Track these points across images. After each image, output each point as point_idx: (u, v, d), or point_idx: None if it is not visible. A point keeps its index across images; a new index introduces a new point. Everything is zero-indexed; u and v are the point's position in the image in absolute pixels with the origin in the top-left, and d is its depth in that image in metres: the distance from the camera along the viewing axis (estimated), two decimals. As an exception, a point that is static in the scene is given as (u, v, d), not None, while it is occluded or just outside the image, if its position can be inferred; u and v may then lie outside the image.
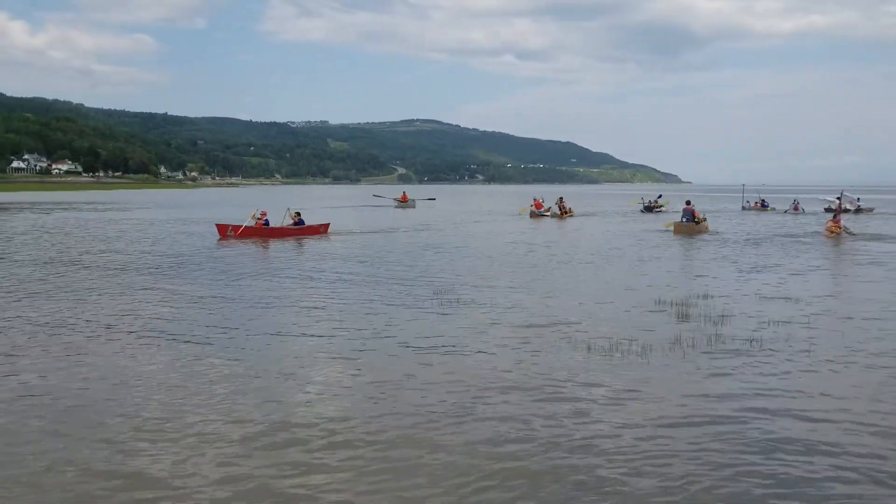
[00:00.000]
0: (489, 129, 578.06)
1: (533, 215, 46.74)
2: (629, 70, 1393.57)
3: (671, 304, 13.81)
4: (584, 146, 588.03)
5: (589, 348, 10.27)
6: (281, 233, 28.45)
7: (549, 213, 46.71)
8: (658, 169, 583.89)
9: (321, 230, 29.99)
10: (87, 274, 18.26)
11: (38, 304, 13.92)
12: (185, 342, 10.64)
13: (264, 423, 7.25)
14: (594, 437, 6.92)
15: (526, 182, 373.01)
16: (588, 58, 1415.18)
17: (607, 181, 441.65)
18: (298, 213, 29.85)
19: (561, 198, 48.15)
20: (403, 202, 61.29)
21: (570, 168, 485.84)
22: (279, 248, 25.14)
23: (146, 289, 15.90)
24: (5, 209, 53.15)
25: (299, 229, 29.00)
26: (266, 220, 28.46)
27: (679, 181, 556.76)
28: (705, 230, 32.87)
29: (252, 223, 28.20)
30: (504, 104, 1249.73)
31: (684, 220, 32.95)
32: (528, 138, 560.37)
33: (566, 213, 46.37)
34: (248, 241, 26.80)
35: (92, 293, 15.22)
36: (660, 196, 58.96)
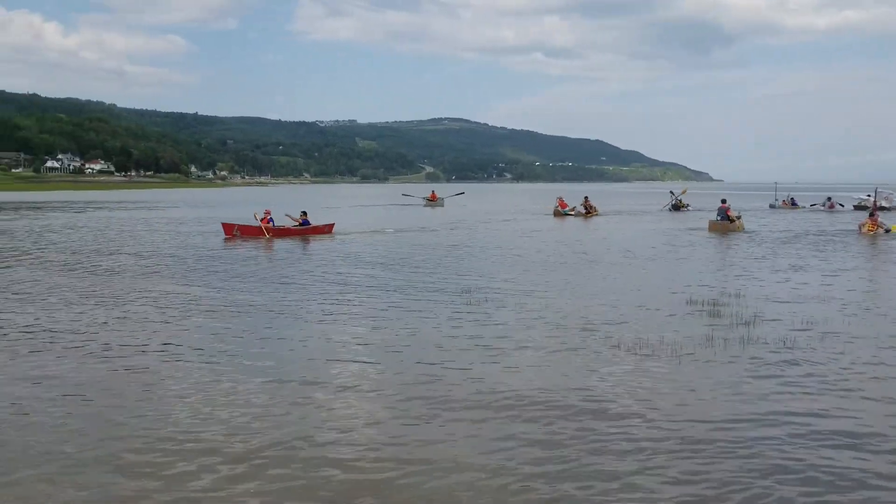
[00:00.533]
0: (517, 127, 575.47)
1: (557, 214, 45.94)
2: (659, 67, 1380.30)
3: (703, 303, 13.60)
4: (614, 144, 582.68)
5: (619, 347, 10.15)
6: (286, 232, 28.26)
7: (573, 213, 45.88)
8: (689, 167, 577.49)
9: (326, 230, 29.85)
10: (113, 273, 18.44)
11: (67, 301, 14.00)
12: (212, 344, 10.61)
13: (292, 426, 7.17)
14: (623, 437, 6.82)
15: (554, 180, 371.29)
16: (617, 55, 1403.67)
17: (637, 179, 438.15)
18: (305, 213, 29.71)
19: (586, 196, 47.41)
20: (433, 201, 61.17)
21: (600, 166, 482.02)
22: (304, 248, 25.18)
23: (170, 287, 15.97)
24: (39, 208, 54.00)
25: (304, 229, 28.78)
26: (271, 219, 28.23)
27: (710, 179, 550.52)
28: (739, 229, 32.54)
29: (257, 222, 28.03)
30: (533, 102, 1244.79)
31: (719, 218, 32.81)
32: (556, 136, 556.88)
33: (592, 212, 45.66)
34: (253, 240, 26.69)
35: (118, 293, 15.30)
36: (683, 192, 57.57)
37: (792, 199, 59.03)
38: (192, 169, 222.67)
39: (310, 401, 7.93)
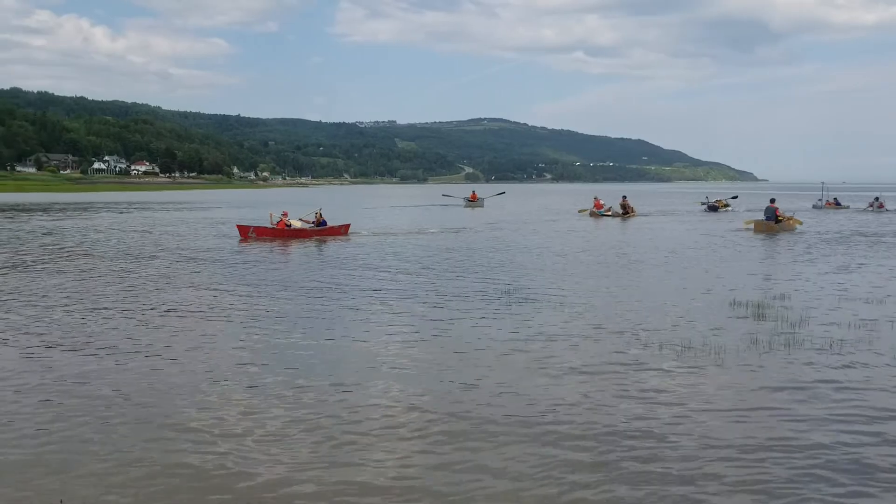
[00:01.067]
0: (557, 126, 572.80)
1: (592, 215, 44.62)
2: (703, 66, 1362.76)
3: (747, 304, 13.22)
4: (656, 144, 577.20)
5: (661, 348, 9.97)
6: (302, 234, 27.83)
7: (610, 213, 44.47)
8: (732, 167, 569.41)
9: (342, 231, 29.44)
10: (154, 274, 18.53)
11: (108, 299, 14.04)
12: (250, 344, 10.54)
13: (331, 426, 7.09)
14: (665, 439, 6.69)
15: (595, 181, 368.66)
16: (661, 53, 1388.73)
17: (680, 179, 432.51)
18: (320, 213, 29.47)
19: (624, 196, 46.32)
20: (473, 201, 60.90)
21: (641, 166, 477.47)
22: (345, 249, 25.05)
23: (207, 284, 15.99)
24: (85, 209, 55.03)
25: (320, 230, 28.41)
26: (289, 221, 28.06)
27: (754, 179, 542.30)
28: (790, 228, 32.03)
29: (272, 223, 27.81)
30: (573, 102, 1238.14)
31: (765, 217, 32.23)
32: (597, 136, 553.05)
33: (630, 212, 44.35)
34: (268, 241, 26.35)
35: (159, 291, 15.32)
36: (734, 197, 56.03)
37: (835, 199, 57.50)
38: (235, 170, 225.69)
39: (350, 407, 7.73)
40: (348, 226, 30.46)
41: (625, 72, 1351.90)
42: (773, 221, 31.68)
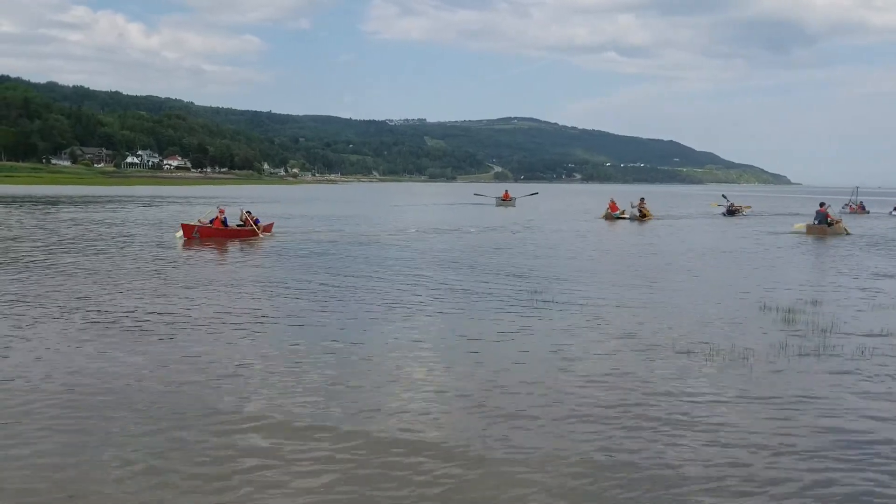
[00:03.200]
0: (588, 127, 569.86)
1: (607, 218, 41.69)
2: (737, 67, 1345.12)
3: (778, 309, 12.89)
4: (688, 145, 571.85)
5: (689, 353, 9.81)
6: (238, 234, 25.63)
7: (627, 216, 41.54)
8: (766, 169, 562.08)
9: (268, 230, 27.36)
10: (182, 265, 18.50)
11: (142, 295, 14.05)
12: (276, 340, 10.46)
13: (356, 425, 7.00)
14: (690, 446, 6.57)
15: (626, 181, 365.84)
16: (695, 54, 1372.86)
17: (712, 182, 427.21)
18: (250, 213, 27.08)
19: (642, 198, 43.79)
20: (505, 200, 60.61)
21: (673, 168, 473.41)
22: (382, 246, 24.91)
23: (240, 280, 15.98)
24: (117, 201, 55.63)
25: (251, 230, 25.99)
26: (224, 218, 25.71)
27: (788, 182, 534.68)
28: (840, 232, 31.60)
29: (207, 222, 25.53)
30: (604, 102, 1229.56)
31: (816, 221, 32.14)
32: (628, 136, 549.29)
33: (647, 215, 41.80)
34: (210, 241, 24.12)
35: (193, 288, 15.29)
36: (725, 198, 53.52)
37: (861, 203, 56.09)
38: (265, 166, 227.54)
39: (372, 397, 7.77)
40: (272, 225, 28.74)
41: (657, 72, 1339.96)
42: (825, 225, 31.59)
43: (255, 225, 26.25)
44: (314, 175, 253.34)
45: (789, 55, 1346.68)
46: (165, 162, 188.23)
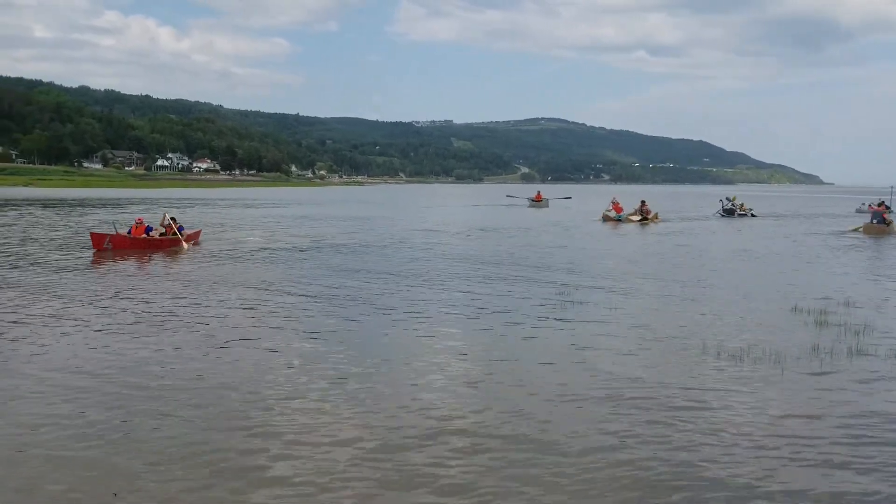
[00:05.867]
0: (617, 127, 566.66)
1: (607, 219, 39.50)
2: (769, 65, 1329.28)
3: (810, 311, 12.69)
4: (718, 145, 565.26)
5: (719, 354, 9.70)
6: (158, 244, 22.53)
7: (635, 218, 39.00)
8: (797, 169, 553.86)
9: (192, 239, 24.06)
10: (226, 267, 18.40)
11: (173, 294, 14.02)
12: (306, 339, 10.47)
13: (385, 425, 6.98)
14: (719, 448, 6.50)
15: (654, 182, 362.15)
16: (726, 52, 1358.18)
17: (742, 182, 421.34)
18: (174, 219, 23.95)
19: (643, 201, 41.20)
20: (537, 202, 59.48)
21: (702, 168, 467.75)
22: (412, 246, 24.67)
23: (279, 282, 15.94)
24: (147, 203, 55.40)
25: (175, 239, 22.81)
26: (149, 227, 23.10)
27: (820, 182, 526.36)
28: (894, 231, 31.55)
29: (124, 231, 22.94)
30: (633, 102, 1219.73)
31: (874, 221, 31.99)
32: (657, 137, 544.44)
33: (648, 217, 39.32)
34: (126, 253, 20.92)
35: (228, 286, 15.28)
36: (733, 199, 50.44)
37: (882, 202, 53.33)
38: (293, 168, 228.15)
39: (401, 394, 7.76)
40: (199, 232, 25.76)
41: (687, 71, 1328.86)
42: (882, 224, 31.47)
43: (179, 233, 22.98)
44: (341, 177, 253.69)
45: (823, 53, 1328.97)
46: (195, 164, 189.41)
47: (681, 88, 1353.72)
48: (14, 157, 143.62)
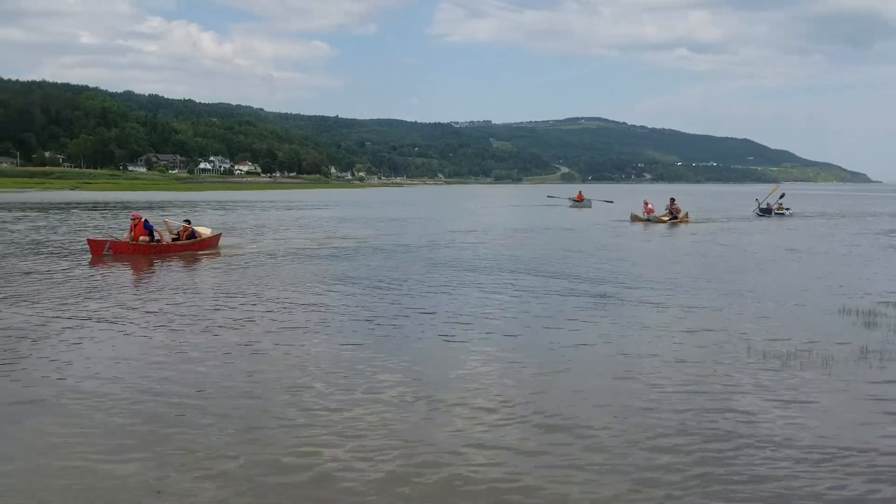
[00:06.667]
0: (658, 126, 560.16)
1: (635, 219, 38.04)
2: (815, 62, 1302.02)
3: (858, 312, 12.34)
4: (762, 143, 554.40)
5: (764, 356, 9.49)
6: (168, 249, 21.25)
7: (665, 219, 37.62)
8: (844, 167, 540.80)
9: (212, 243, 22.78)
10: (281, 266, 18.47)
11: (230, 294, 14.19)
12: (344, 341, 10.47)
13: (424, 422, 7.00)
14: (765, 453, 6.35)
15: (697, 181, 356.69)
16: (770, 50, 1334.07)
17: (787, 180, 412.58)
18: (188, 222, 23.09)
19: (672, 199, 39.97)
20: (579, 202, 58.73)
21: (746, 166, 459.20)
22: (454, 245, 24.36)
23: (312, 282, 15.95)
24: (189, 205, 56.18)
25: (189, 244, 21.76)
26: (147, 225, 21.50)
27: (868, 180, 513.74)
28: None
29: (127, 237, 21.38)
30: (675, 100, 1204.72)
31: None
32: (700, 135, 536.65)
33: (678, 216, 37.93)
34: (128, 259, 19.89)
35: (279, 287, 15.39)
36: (773, 191, 48.98)
37: None
38: (332, 170, 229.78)
39: (440, 398, 7.65)
40: (219, 236, 23.87)
41: (731, 69, 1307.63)
42: None
43: (192, 238, 21.85)
44: (380, 178, 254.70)
45: (871, 49, 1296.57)
46: (236, 167, 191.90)
47: (724, 86, 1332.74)
48: (61, 161, 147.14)
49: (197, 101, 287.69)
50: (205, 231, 22.60)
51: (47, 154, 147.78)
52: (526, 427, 6.93)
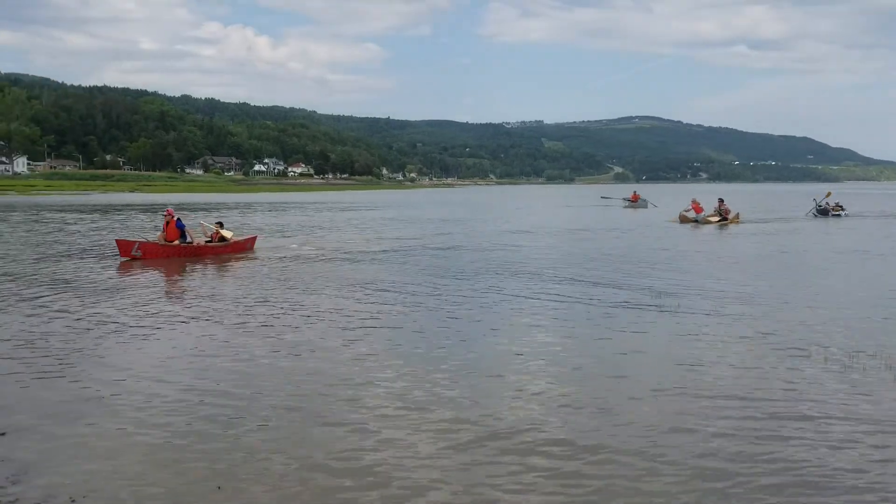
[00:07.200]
0: (715, 124, 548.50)
1: (684, 220, 36.63)
2: (880, 57, 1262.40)
3: None
4: (823, 141, 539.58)
5: (826, 360, 9.19)
6: (199, 251, 20.63)
7: (714, 219, 36.28)
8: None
9: (248, 246, 22.27)
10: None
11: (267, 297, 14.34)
12: (396, 341, 10.41)
13: (477, 428, 6.83)
14: (827, 458, 6.16)
15: (755, 181, 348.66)
16: (832, 45, 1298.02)
17: (848, 179, 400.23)
18: (220, 225, 22.29)
19: (720, 199, 38.54)
20: (634, 202, 57.40)
21: (806, 165, 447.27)
22: (504, 246, 23.98)
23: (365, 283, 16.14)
24: (242, 207, 56.70)
25: (223, 247, 21.08)
26: (179, 224, 20.66)
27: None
28: None
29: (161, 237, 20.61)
30: (733, 98, 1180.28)
31: None
32: (758, 133, 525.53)
33: (727, 217, 36.73)
34: (160, 261, 19.20)
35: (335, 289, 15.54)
36: (828, 195, 46.23)
37: None
38: (384, 171, 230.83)
39: (496, 402, 7.55)
40: (254, 239, 23.25)
41: (791, 65, 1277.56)
42: None
43: (224, 240, 21.22)
44: (431, 179, 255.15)
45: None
46: (290, 169, 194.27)
47: (784, 83, 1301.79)
48: (122, 164, 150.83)
49: (252, 104, 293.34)
50: (227, 234, 21.69)
51: (108, 157, 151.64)
52: (574, 430, 6.81)
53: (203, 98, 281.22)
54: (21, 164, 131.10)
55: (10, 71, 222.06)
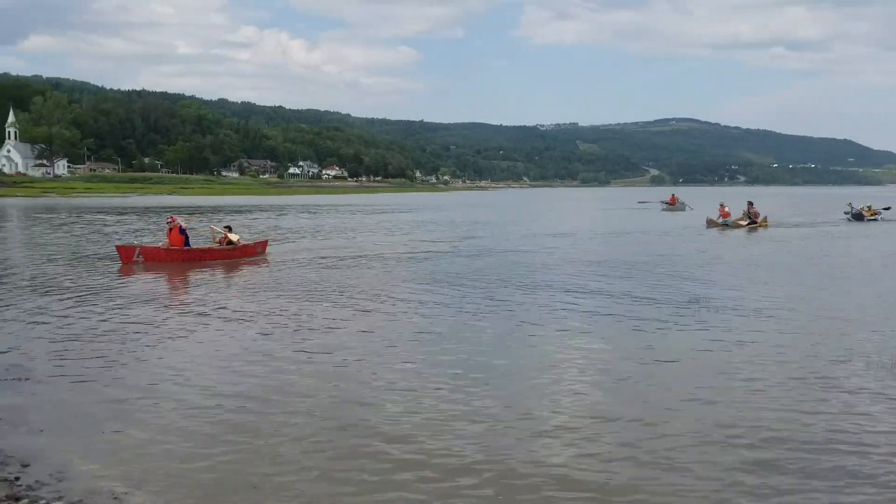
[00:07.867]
0: (753, 126, 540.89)
1: (711, 224, 36.09)
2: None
3: None
4: (864, 144, 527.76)
5: (867, 366, 9.06)
6: (204, 255, 20.35)
7: (743, 223, 35.59)
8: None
9: (258, 250, 21.88)
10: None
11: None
12: (428, 342, 10.53)
13: (513, 440, 6.79)
14: (867, 468, 6.03)
15: (794, 184, 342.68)
16: (872, 46, 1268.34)
17: (891, 182, 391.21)
18: (228, 228, 21.75)
19: (749, 202, 37.61)
20: (672, 205, 56.62)
21: (847, 168, 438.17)
22: (538, 248, 23.84)
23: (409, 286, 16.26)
24: (276, 209, 57.18)
25: (229, 251, 20.73)
26: (182, 229, 20.25)
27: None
28: None
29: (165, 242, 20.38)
30: (771, 100, 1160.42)
31: None
32: (797, 136, 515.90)
33: (756, 221, 35.93)
34: (161, 266, 18.84)
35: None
36: (887, 208, 44.69)
37: None
38: (417, 174, 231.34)
39: (530, 409, 7.56)
40: (266, 243, 22.87)
41: (829, 67, 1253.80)
42: None
43: (233, 244, 20.85)
44: (464, 182, 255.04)
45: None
46: (324, 172, 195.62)
47: (823, 85, 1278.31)
48: (160, 167, 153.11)
49: (287, 107, 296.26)
50: (234, 238, 21.33)
51: (146, 160, 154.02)
52: (624, 435, 6.80)
53: (239, 102, 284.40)
54: (62, 167, 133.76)
55: (52, 75, 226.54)
